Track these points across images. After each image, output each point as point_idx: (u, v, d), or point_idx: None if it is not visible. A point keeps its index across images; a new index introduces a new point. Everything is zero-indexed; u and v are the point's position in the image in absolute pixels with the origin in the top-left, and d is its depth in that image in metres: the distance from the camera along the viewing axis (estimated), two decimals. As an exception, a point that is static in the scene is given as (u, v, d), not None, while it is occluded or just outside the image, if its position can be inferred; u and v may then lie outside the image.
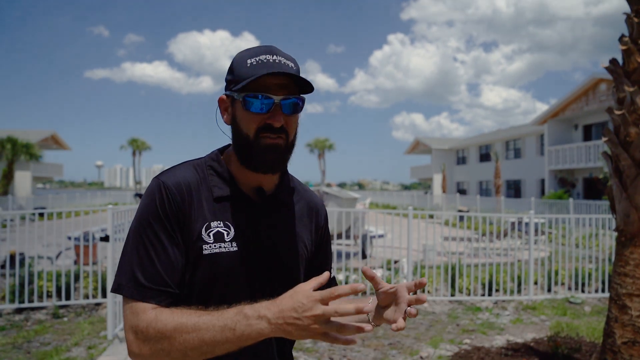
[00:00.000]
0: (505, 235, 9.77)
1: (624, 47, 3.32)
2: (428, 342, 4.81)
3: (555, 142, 25.34)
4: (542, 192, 26.54)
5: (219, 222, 1.06)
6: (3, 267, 6.77)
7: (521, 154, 30.45)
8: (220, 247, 1.04)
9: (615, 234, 3.58)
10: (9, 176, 28.32)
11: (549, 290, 6.96)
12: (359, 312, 0.85)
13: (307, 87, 1.06)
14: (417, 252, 8.39)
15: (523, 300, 6.50)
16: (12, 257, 7.08)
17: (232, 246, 1.05)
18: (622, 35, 3.38)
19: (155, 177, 1.08)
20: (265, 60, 1.02)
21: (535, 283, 7.15)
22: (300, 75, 1.05)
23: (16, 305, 5.70)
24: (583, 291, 6.85)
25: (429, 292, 6.64)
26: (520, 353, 4.32)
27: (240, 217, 1.08)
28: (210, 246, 1.03)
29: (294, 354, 4.37)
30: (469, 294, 6.59)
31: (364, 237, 8.92)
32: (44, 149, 34.88)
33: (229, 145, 1.17)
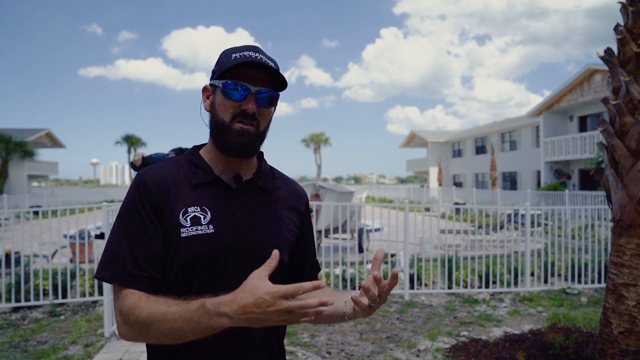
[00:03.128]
0: (502, 227, 9.79)
1: (619, 37, 3.31)
2: (426, 334, 4.81)
3: (551, 134, 25.40)
4: (538, 184, 26.62)
5: (196, 207, 1.12)
6: (-2, 266, 6.73)
7: (517, 146, 30.51)
8: (197, 229, 1.10)
9: (611, 224, 3.58)
10: (4, 175, 28.16)
11: (546, 281, 6.99)
12: (322, 305, 0.90)
13: (283, 85, 1.17)
14: (414, 246, 8.41)
15: (520, 292, 6.52)
16: (7, 256, 7.05)
17: (208, 228, 1.10)
18: (617, 25, 3.36)
19: (137, 173, 1.18)
20: (248, 56, 1.13)
21: (532, 274, 7.17)
22: (280, 74, 1.15)
23: (13, 304, 5.67)
24: (579, 282, 6.88)
25: (426, 285, 6.65)
26: (518, 344, 4.33)
27: (216, 201, 1.14)
28: (187, 229, 1.09)
29: (292, 348, 4.39)
30: (465, 287, 6.60)
31: (361, 231, 8.92)
32: (39, 147, 34.59)
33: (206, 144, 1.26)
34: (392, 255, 7.49)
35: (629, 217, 3.28)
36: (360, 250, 8.86)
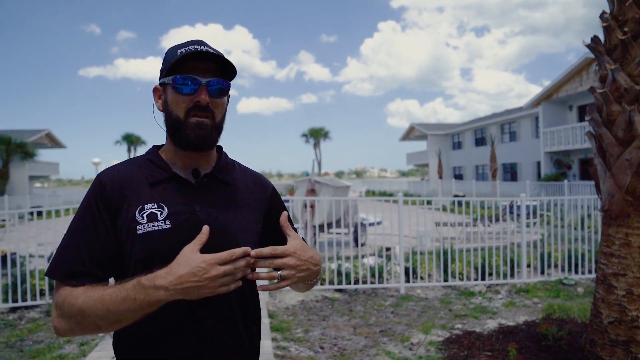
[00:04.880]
0: (498, 219, 9.77)
1: (604, 24, 3.28)
2: (419, 328, 4.81)
3: (550, 124, 25.30)
4: (539, 175, 26.55)
5: (152, 204, 1.14)
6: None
7: (517, 137, 30.40)
8: (153, 225, 1.11)
9: (602, 214, 3.56)
10: (5, 176, 28.25)
11: (542, 272, 6.98)
12: (247, 254, 1.00)
13: (232, 73, 1.18)
14: (412, 239, 8.40)
15: (516, 284, 6.52)
16: (4, 257, 7.06)
17: (165, 224, 1.11)
18: (603, 12, 3.33)
19: (97, 174, 1.20)
20: (194, 49, 1.13)
21: (528, 266, 7.17)
22: (228, 61, 1.16)
23: (10, 304, 5.69)
24: (577, 272, 6.87)
25: (422, 278, 6.65)
26: (512, 336, 4.32)
27: (174, 197, 1.16)
28: (143, 226, 1.11)
29: (285, 344, 4.39)
30: (462, 279, 6.60)
31: (357, 226, 8.91)
32: (39, 148, 34.63)
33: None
34: (388, 249, 7.49)
35: (617, 207, 3.27)
36: (357, 244, 8.85)
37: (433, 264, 6.79)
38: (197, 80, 1.13)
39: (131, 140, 46.80)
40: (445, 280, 6.56)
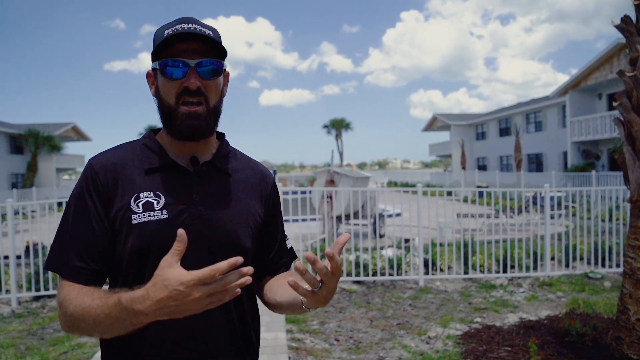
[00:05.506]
0: (521, 211, 9.52)
1: (636, 2, 3.08)
2: (438, 321, 4.71)
3: (578, 113, 24.54)
4: (565, 166, 25.85)
5: (148, 192, 1.07)
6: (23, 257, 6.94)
7: (542, 126, 29.63)
8: (149, 215, 1.04)
9: (630, 205, 3.38)
10: (33, 168, 29.08)
11: (567, 265, 6.76)
12: (241, 275, 0.84)
13: (222, 52, 1.09)
14: (432, 230, 8.25)
15: (539, 277, 6.33)
16: (28, 247, 7.22)
17: (162, 214, 1.05)
18: (634, -9, 3.13)
19: (88, 160, 1.12)
20: (181, 29, 1.04)
21: (552, 259, 6.95)
22: (220, 42, 1.08)
23: (33, 293, 5.82)
24: (603, 266, 6.62)
25: (441, 270, 6.52)
26: (533, 331, 4.18)
27: (171, 186, 1.09)
28: (139, 215, 1.04)
29: (300, 335, 4.35)
30: (482, 272, 6.44)
31: (376, 217, 8.80)
32: (66, 141, 35.52)
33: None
34: (407, 241, 7.37)
35: (647, 197, 3.09)
36: (376, 235, 8.74)
37: (453, 256, 6.64)
38: (186, 63, 1.04)
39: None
40: (466, 272, 6.41)
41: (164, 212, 1.05)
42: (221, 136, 1.23)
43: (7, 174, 28.63)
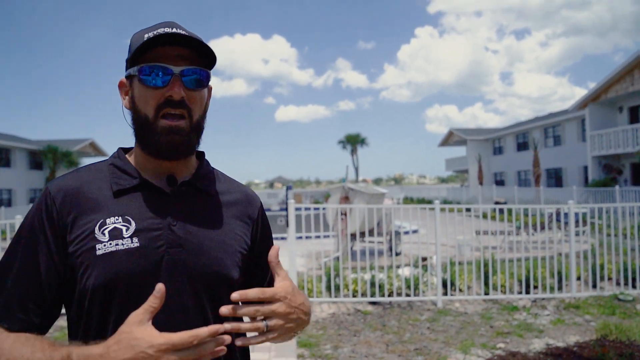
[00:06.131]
0: (543, 227, 9.17)
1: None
2: (458, 346, 4.43)
3: (598, 127, 23.97)
4: (586, 180, 25.22)
5: (117, 217, 0.92)
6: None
7: (561, 140, 29.04)
8: (116, 244, 0.89)
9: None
10: (51, 184, 29.45)
11: (594, 286, 6.41)
12: (219, 342, 0.75)
13: (211, 59, 0.96)
14: (451, 248, 7.98)
15: (565, 298, 6.00)
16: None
17: (131, 242, 0.89)
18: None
19: (47, 184, 1.03)
20: (163, 32, 0.91)
21: (578, 279, 6.61)
22: (205, 45, 0.93)
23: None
24: (634, 287, 6.26)
25: (460, 290, 6.23)
26: (562, 359, 3.89)
27: (144, 209, 0.94)
28: (104, 245, 0.89)
29: (311, 362, 4.11)
30: (504, 292, 6.14)
31: (393, 234, 8.55)
32: (83, 157, 36.01)
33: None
34: (424, 259, 7.11)
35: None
36: (392, 253, 8.50)
37: (473, 276, 6.35)
38: (169, 70, 0.91)
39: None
40: (486, 293, 6.12)
41: (135, 239, 0.90)
42: (201, 155, 1.09)
43: (26, 189, 29.10)
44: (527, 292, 6.12)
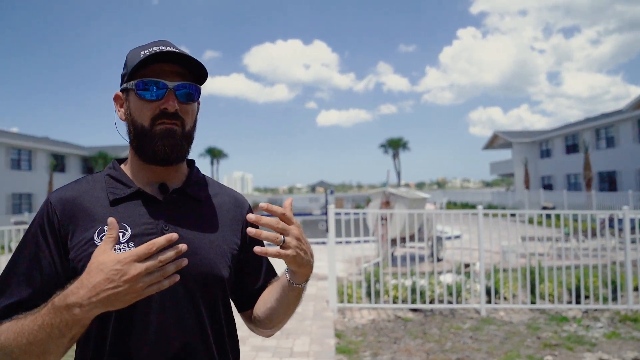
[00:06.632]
0: (595, 234, 8.73)
1: None
2: (502, 357, 4.27)
3: (656, 128, 22.68)
4: (643, 184, 23.87)
5: None
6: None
7: (615, 142, 27.62)
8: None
9: None
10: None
11: (652, 297, 6.03)
12: (176, 250, 0.85)
13: (202, 76, 1.06)
14: (495, 254, 7.73)
15: (620, 310, 5.67)
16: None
17: (128, 247, 0.98)
18: None
19: (48, 195, 1.09)
20: (158, 50, 1.00)
21: (635, 289, 6.24)
22: (198, 62, 1.03)
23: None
24: (696, 298, 5.85)
25: (505, 299, 6.02)
26: (616, 374, 3.68)
27: (138, 216, 1.03)
28: None
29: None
30: (552, 302, 5.88)
31: (435, 240, 8.39)
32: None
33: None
34: (467, 266, 6.92)
35: None
36: (434, 259, 8.35)
37: (518, 283, 6.12)
38: (164, 85, 1.01)
39: (214, 153, 49.28)
40: (533, 302, 5.88)
41: (131, 244, 0.98)
42: (191, 163, 1.19)
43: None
44: (578, 302, 5.83)
